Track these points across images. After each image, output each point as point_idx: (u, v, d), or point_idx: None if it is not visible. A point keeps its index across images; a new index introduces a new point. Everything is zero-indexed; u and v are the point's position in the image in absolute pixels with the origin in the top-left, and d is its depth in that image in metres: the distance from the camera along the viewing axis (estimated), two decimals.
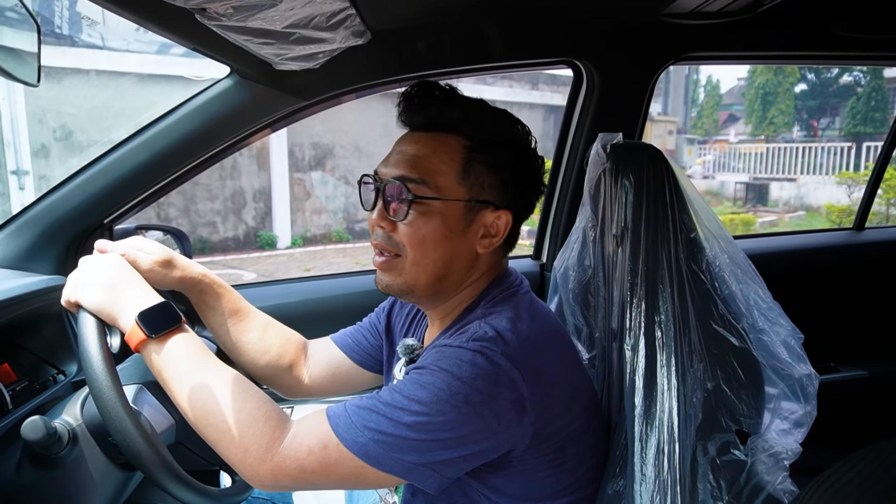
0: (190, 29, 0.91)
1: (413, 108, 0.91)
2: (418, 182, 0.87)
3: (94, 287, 0.85)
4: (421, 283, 0.90)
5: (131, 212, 1.43)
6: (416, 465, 0.74)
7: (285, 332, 1.15)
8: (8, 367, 1.11)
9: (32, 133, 7.51)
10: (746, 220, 10.31)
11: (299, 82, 1.26)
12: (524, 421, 0.77)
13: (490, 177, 0.88)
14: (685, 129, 17.16)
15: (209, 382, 0.81)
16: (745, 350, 0.84)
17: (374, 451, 0.74)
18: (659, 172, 0.94)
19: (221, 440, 0.79)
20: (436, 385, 0.75)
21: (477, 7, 1.23)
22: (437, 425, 0.74)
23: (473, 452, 0.77)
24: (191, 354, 0.83)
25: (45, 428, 0.87)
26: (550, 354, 0.83)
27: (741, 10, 1.12)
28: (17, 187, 7.47)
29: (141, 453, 0.82)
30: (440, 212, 0.87)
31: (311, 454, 0.76)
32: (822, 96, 18.84)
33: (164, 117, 1.31)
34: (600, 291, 1.06)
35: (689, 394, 0.79)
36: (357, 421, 0.76)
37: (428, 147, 0.89)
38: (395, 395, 0.76)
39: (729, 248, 0.93)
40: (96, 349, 0.83)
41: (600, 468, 0.89)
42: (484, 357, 0.77)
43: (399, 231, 0.88)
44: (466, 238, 0.89)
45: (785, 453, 0.76)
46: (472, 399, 0.74)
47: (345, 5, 0.97)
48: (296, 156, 9.52)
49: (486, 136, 0.89)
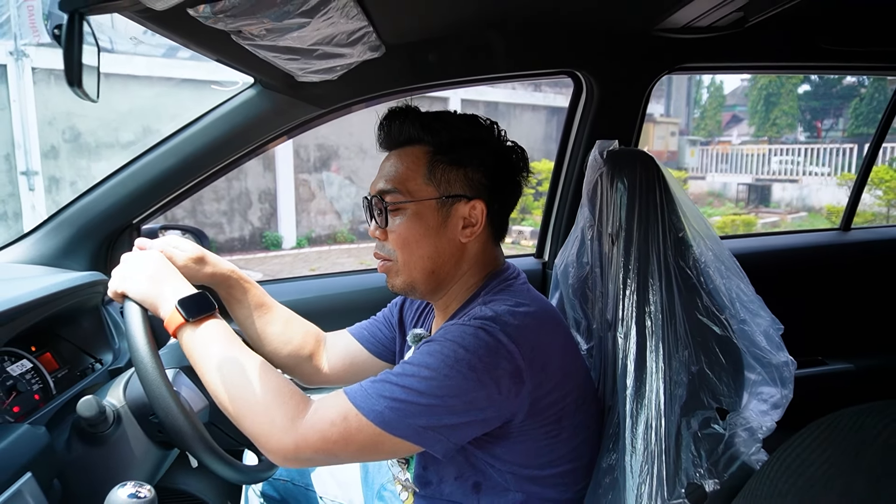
0: (222, 45, 1.00)
1: (384, 134, 1.03)
2: (393, 191, 0.99)
3: (139, 279, 0.95)
4: (418, 280, 1.00)
5: (158, 213, 1.52)
6: (426, 429, 0.82)
7: (305, 324, 1.24)
8: (50, 356, 1.20)
9: (42, 135, 7.60)
10: (748, 221, 10.37)
11: (318, 92, 1.35)
12: (522, 391, 0.86)
13: (455, 172, 0.98)
14: (687, 131, 17.19)
15: (238, 362, 0.89)
16: (727, 338, 0.93)
17: (390, 417, 0.82)
18: (651, 176, 1.02)
19: (248, 414, 0.86)
20: (442, 353, 0.84)
21: (484, 22, 1.32)
22: (445, 389, 0.82)
23: (477, 419, 0.85)
24: (222, 338, 0.91)
25: (97, 406, 0.97)
26: (545, 334, 0.92)
27: (730, 25, 1.20)
28: (27, 188, 7.57)
29: (182, 429, 0.91)
30: (415, 212, 0.98)
31: (332, 425, 0.83)
32: (825, 97, 18.80)
33: (192, 124, 1.40)
34: (597, 286, 1.15)
35: (675, 376, 0.87)
36: (373, 392, 0.84)
37: (399, 160, 1.00)
38: (406, 366, 0.85)
39: (714, 246, 1.02)
40: (142, 334, 0.91)
41: (592, 442, 0.98)
42: (485, 332, 0.85)
43: (389, 238, 1.00)
44: (447, 231, 0.99)
45: (760, 429, 0.84)
46: (475, 366, 0.83)
47: (363, 24, 1.06)
48: (301, 157, 9.58)
49: (444, 140, 0.99)
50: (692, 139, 16.55)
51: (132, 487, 0.79)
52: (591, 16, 1.29)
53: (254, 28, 0.88)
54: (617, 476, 0.87)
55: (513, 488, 0.95)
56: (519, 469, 0.93)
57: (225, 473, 0.96)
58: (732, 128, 20.12)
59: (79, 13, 0.65)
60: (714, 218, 11.65)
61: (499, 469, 0.94)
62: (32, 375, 1.12)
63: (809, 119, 19.00)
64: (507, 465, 0.93)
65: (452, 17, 1.23)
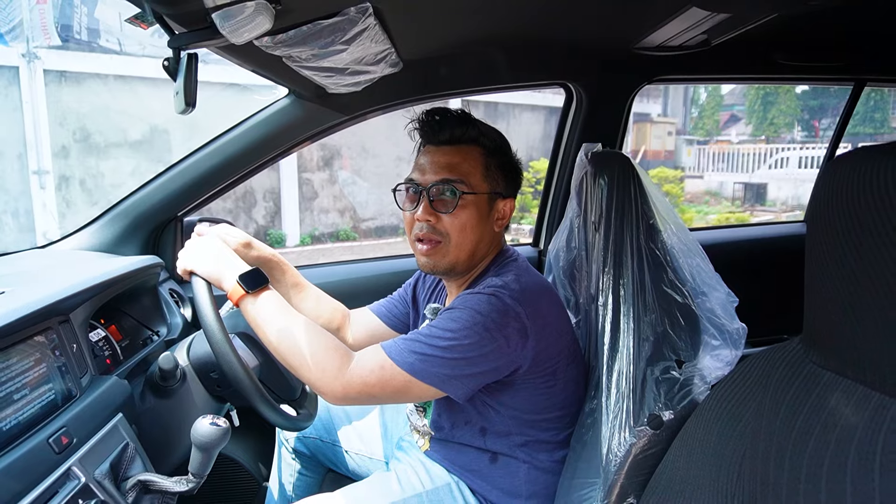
0: (272, 65, 1.20)
1: (437, 128, 1.18)
2: (458, 182, 1.13)
3: (204, 259, 1.14)
4: (461, 261, 1.17)
5: (200, 206, 1.73)
6: (448, 377, 1.02)
7: (333, 302, 1.45)
8: (115, 329, 1.40)
9: (53, 135, 7.74)
10: (741, 219, 10.57)
11: (344, 101, 1.55)
12: (527, 345, 1.05)
13: (501, 174, 1.19)
14: (685, 130, 17.34)
15: (293, 324, 1.06)
16: (687, 306, 1.13)
17: (419, 367, 1.01)
18: (627, 174, 1.22)
19: (304, 364, 1.03)
20: (462, 318, 1.03)
21: (489, 40, 1.51)
22: (464, 347, 1.00)
23: (490, 368, 1.04)
24: (277, 305, 1.09)
25: (174, 360, 1.18)
26: (544, 300, 1.12)
27: (697, 45, 1.41)
28: (39, 186, 7.71)
29: (242, 381, 1.11)
30: (474, 203, 1.14)
31: (371, 373, 1.02)
32: (823, 96, 18.84)
33: (233, 129, 1.60)
34: (583, 267, 1.35)
35: (643, 335, 1.08)
36: (405, 348, 1.03)
37: (458, 156, 1.16)
38: (432, 329, 1.04)
39: (679, 232, 1.23)
40: (209, 304, 1.11)
41: (578, 394, 1.18)
42: (496, 297, 1.05)
43: (443, 222, 1.14)
44: (489, 221, 1.18)
45: (711, 376, 1.05)
46: (489, 326, 1.02)
47: (387, 46, 1.26)
48: (304, 156, 9.72)
49: (493, 146, 1.19)
50: (689, 139, 16.69)
51: (211, 418, 0.99)
52: (580, 37, 1.49)
53: (302, 54, 1.09)
54: (597, 416, 1.07)
55: (514, 431, 1.16)
56: (520, 414, 1.14)
57: (274, 419, 1.16)
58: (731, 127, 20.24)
59: (181, 49, 0.85)
60: (710, 216, 11.84)
61: (503, 415, 1.14)
62: (104, 343, 1.32)
63: (808, 118, 19.08)
64: (510, 411, 1.14)
65: (462, 38, 1.43)
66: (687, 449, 0.87)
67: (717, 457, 0.80)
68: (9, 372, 0.88)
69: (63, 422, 0.93)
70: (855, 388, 0.66)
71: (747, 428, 0.78)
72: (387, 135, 9.76)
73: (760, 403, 0.78)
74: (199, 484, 1.00)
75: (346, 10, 0.98)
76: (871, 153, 0.60)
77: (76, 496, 0.87)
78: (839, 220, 0.63)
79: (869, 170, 0.60)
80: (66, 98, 7.83)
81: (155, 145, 8.34)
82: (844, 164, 0.63)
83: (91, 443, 0.96)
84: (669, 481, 0.88)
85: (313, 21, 0.98)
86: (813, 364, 0.73)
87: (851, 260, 0.62)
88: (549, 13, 1.29)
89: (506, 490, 1.17)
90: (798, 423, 0.70)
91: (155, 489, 0.99)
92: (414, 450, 1.34)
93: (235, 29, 0.83)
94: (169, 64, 0.85)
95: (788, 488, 0.68)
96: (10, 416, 0.86)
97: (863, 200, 0.60)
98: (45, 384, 0.95)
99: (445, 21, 1.25)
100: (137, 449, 1.05)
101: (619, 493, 0.98)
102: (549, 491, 1.16)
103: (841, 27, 1.47)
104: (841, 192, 0.63)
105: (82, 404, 1.00)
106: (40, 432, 0.89)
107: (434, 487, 1.20)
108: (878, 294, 0.61)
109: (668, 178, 11.05)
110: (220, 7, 0.77)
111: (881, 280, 0.60)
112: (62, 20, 8.16)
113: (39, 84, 7.57)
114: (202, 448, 0.96)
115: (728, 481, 0.78)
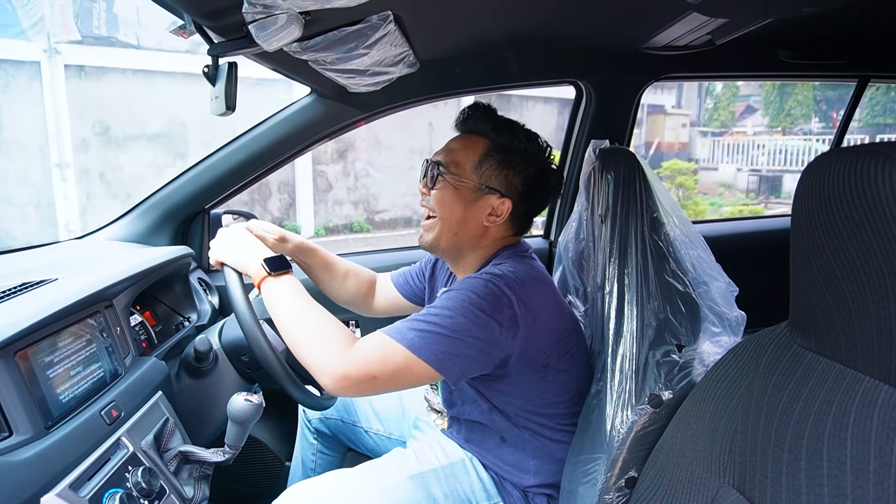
0: (298, 68, 1.28)
1: (461, 117, 1.28)
2: (444, 165, 1.22)
3: (232, 249, 1.22)
4: (442, 239, 1.24)
5: (226, 199, 1.82)
6: (444, 355, 1.02)
7: (359, 275, 1.56)
8: (149, 315, 1.50)
9: (74, 128, 7.87)
10: (755, 212, 10.53)
11: (363, 99, 1.62)
12: (517, 335, 1.09)
13: (498, 170, 1.22)
14: (699, 122, 17.20)
15: (303, 309, 1.10)
16: (688, 294, 1.20)
17: (418, 342, 1.02)
18: (632, 169, 1.29)
19: (310, 344, 1.06)
20: (458, 297, 1.07)
21: (501, 41, 1.58)
22: (459, 325, 1.03)
23: (482, 353, 1.07)
24: (293, 289, 1.14)
25: (209, 342, 1.26)
26: (538, 293, 1.16)
27: (702, 45, 1.46)
28: (60, 179, 7.86)
29: (271, 362, 1.19)
30: (454, 186, 1.22)
31: (372, 352, 1.03)
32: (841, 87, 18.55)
33: (258, 126, 1.68)
34: (591, 257, 1.42)
35: (646, 321, 1.15)
36: (404, 327, 1.06)
37: (460, 143, 1.25)
38: (431, 308, 1.08)
39: (682, 225, 1.29)
40: (240, 291, 1.19)
41: (577, 384, 1.24)
42: (492, 283, 1.09)
43: (431, 195, 1.24)
44: (475, 210, 1.22)
45: (708, 360, 1.12)
46: (483, 308, 1.05)
47: (405, 48, 1.33)
48: (318, 149, 9.81)
49: (503, 143, 1.23)
50: (703, 130, 16.55)
51: (245, 395, 1.08)
52: (589, 37, 1.55)
53: (327, 57, 1.16)
54: (602, 396, 1.15)
55: (517, 414, 1.23)
56: (520, 402, 1.21)
57: (301, 398, 1.24)
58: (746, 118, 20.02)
59: (220, 56, 0.93)
60: (723, 209, 11.78)
61: (502, 400, 1.21)
62: (140, 328, 1.41)
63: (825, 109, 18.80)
64: (506, 397, 1.21)
65: (476, 39, 1.49)
66: (684, 425, 0.94)
67: (712, 432, 0.87)
68: (66, 350, 0.97)
69: (112, 396, 1.03)
70: (832, 367, 0.72)
71: (739, 405, 0.85)
72: (400, 128, 9.82)
73: (751, 383, 0.85)
74: (235, 455, 1.09)
75: (369, 17, 1.05)
76: (847, 154, 0.67)
77: (126, 463, 0.96)
78: (818, 214, 0.70)
79: (843, 169, 0.66)
80: (85, 92, 7.95)
81: (172, 138, 8.46)
82: (823, 163, 0.70)
83: (136, 416, 1.05)
84: (668, 455, 0.95)
85: (339, 28, 1.05)
86: (797, 346, 0.79)
87: (828, 250, 0.69)
88: (559, 15, 1.35)
89: (515, 465, 1.25)
90: (783, 399, 0.77)
91: (194, 459, 1.08)
92: (430, 429, 1.42)
93: (269, 38, 0.90)
94: (208, 70, 0.93)
95: (774, 458, 0.76)
96: (67, 390, 0.95)
97: (837, 196, 0.67)
98: (96, 363, 1.05)
99: (460, 24, 1.32)
100: (176, 423, 1.14)
101: (622, 466, 1.06)
102: (556, 467, 1.24)
103: (844, 25, 1.51)
104: (820, 189, 0.70)
105: (127, 382, 1.09)
106: (93, 405, 0.98)
107: (449, 463, 1.28)
108: (851, 281, 0.67)
109: (681, 170, 11.01)
110: (258, 19, 0.85)
111: (853, 269, 0.67)
112: (82, 15, 8.30)
113: (60, 78, 7.69)
114: (238, 421, 1.05)
115: (721, 454, 0.85)
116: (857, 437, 0.66)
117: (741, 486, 0.80)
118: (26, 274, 1.16)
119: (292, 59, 1.16)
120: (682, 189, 10.88)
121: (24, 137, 7.53)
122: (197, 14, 0.87)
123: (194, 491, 1.07)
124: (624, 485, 1.06)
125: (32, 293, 1.05)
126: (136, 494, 0.93)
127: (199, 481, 1.09)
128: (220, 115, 0.94)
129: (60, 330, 0.97)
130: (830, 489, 0.67)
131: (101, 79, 8.06)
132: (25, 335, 0.88)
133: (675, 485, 0.91)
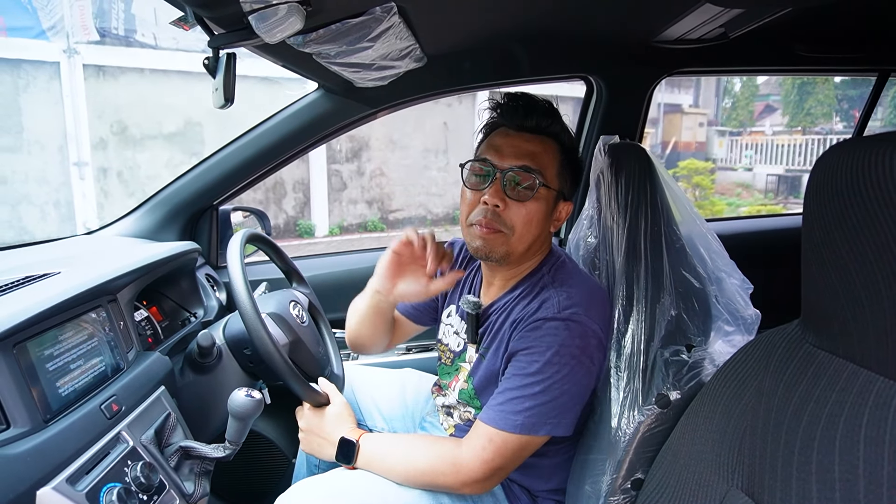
0: (302, 62, 1.27)
1: (522, 113, 1.12)
2: (536, 172, 1.08)
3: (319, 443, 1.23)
4: (517, 252, 1.13)
5: (234, 196, 1.82)
6: (557, 419, 1.03)
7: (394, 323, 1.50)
8: (156, 310, 1.49)
9: (92, 127, 7.95)
10: (773, 212, 10.38)
11: (370, 95, 1.61)
12: (605, 356, 1.10)
13: (569, 174, 1.18)
14: (717, 121, 17.00)
15: (397, 458, 1.12)
16: (701, 291, 1.17)
17: (529, 423, 1.02)
18: (643, 165, 1.26)
19: (431, 480, 1.08)
20: (545, 356, 1.03)
21: (511, 34, 1.56)
22: (558, 382, 1.02)
23: (584, 391, 1.08)
24: (377, 449, 1.14)
25: (212, 337, 1.26)
26: (606, 305, 1.15)
27: (715, 38, 1.43)
28: (79, 177, 7.97)
29: (272, 355, 1.16)
30: (545, 198, 1.11)
31: (483, 450, 1.04)
32: (863, 85, 18.20)
33: (265, 122, 1.68)
34: (603, 255, 1.39)
35: (656, 319, 1.12)
36: (506, 410, 1.04)
37: (539, 146, 1.11)
38: (517, 379, 1.04)
39: (697, 221, 1.26)
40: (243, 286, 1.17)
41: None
42: (573, 322, 1.05)
43: (511, 210, 1.09)
44: (549, 220, 1.15)
45: (719, 360, 1.09)
46: (574, 353, 1.03)
47: (411, 42, 1.32)
48: (333, 148, 9.82)
49: (570, 145, 1.19)
50: (721, 130, 16.36)
51: (246, 391, 1.07)
52: (600, 31, 1.52)
53: (331, 50, 1.15)
54: (609, 395, 1.12)
55: None
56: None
57: (301, 392, 1.23)
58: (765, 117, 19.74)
59: (220, 48, 0.92)
60: (741, 209, 11.63)
61: None
62: (146, 323, 1.41)
63: (847, 108, 18.48)
64: None
65: (484, 33, 1.47)
66: (692, 426, 0.91)
67: (720, 433, 0.85)
68: (66, 344, 0.97)
69: (113, 391, 1.02)
70: (845, 366, 0.69)
71: (748, 406, 0.82)
72: (414, 126, 9.82)
73: (761, 383, 0.82)
74: (235, 451, 1.08)
75: (372, 9, 1.04)
76: (860, 145, 0.64)
77: (125, 457, 0.95)
78: (830, 206, 0.67)
79: (857, 160, 0.63)
80: (104, 92, 8.05)
81: (188, 137, 8.54)
82: (836, 155, 0.67)
83: (137, 411, 1.05)
84: (675, 457, 0.93)
85: (341, 20, 1.04)
86: (809, 345, 0.76)
87: (840, 244, 0.66)
88: (569, 8, 1.33)
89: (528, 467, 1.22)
90: (794, 400, 0.75)
91: (195, 455, 1.07)
92: (436, 429, 1.40)
93: (270, 29, 0.89)
94: (209, 62, 0.92)
95: (784, 461, 0.73)
96: (67, 383, 0.95)
97: (850, 188, 0.64)
98: (97, 356, 1.04)
99: (467, 17, 1.30)
100: (178, 419, 1.14)
101: (628, 468, 1.03)
102: (565, 466, 1.21)
103: (861, 18, 1.47)
104: (832, 180, 0.67)
105: (129, 376, 1.09)
106: (94, 399, 0.98)
107: None
108: (864, 276, 0.64)
109: (697, 169, 10.88)
110: (257, 10, 0.84)
111: (866, 263, 0.64)
112: (100, 16, 8.40)
113: (79, 78, 7.80)
114: (238, 417, 1.04)
115: (730, 456, 0.82)
116: (870, 440, 0.63)
117: (750, 489, 0.77)
118: (30, 268, 1.16)
119: (296, 52, 1.15)
120: (698, 189, 10.76)
121: (43, 137, 7.65)
122: (195, 4, 0.86)
123: (195, 487, 1.06)
124: (630, 487, 1.03)
125: (34, 286, 1.05)
126: (135, 489, 0.93)
127: (199, 477, 1.08)
128: (220, 107, 0.93)
129: (62, 323, 0.97)
130: (842, 493, 0.64)
131: (118, 79, 8.17)
132: (24, 328, 0.88)
133: (681, 487, 0.88)
